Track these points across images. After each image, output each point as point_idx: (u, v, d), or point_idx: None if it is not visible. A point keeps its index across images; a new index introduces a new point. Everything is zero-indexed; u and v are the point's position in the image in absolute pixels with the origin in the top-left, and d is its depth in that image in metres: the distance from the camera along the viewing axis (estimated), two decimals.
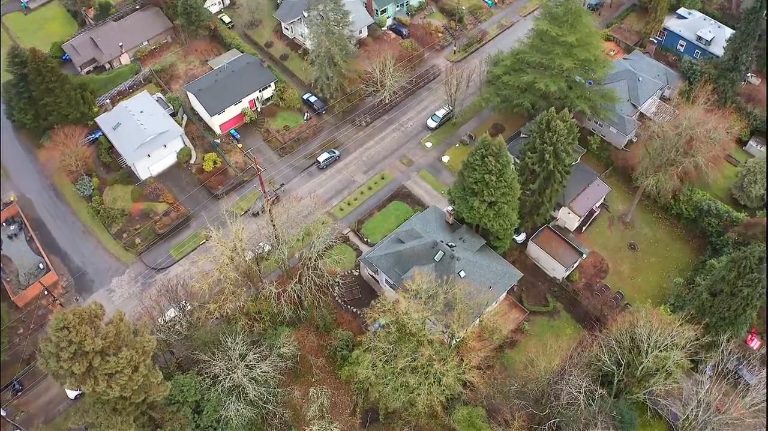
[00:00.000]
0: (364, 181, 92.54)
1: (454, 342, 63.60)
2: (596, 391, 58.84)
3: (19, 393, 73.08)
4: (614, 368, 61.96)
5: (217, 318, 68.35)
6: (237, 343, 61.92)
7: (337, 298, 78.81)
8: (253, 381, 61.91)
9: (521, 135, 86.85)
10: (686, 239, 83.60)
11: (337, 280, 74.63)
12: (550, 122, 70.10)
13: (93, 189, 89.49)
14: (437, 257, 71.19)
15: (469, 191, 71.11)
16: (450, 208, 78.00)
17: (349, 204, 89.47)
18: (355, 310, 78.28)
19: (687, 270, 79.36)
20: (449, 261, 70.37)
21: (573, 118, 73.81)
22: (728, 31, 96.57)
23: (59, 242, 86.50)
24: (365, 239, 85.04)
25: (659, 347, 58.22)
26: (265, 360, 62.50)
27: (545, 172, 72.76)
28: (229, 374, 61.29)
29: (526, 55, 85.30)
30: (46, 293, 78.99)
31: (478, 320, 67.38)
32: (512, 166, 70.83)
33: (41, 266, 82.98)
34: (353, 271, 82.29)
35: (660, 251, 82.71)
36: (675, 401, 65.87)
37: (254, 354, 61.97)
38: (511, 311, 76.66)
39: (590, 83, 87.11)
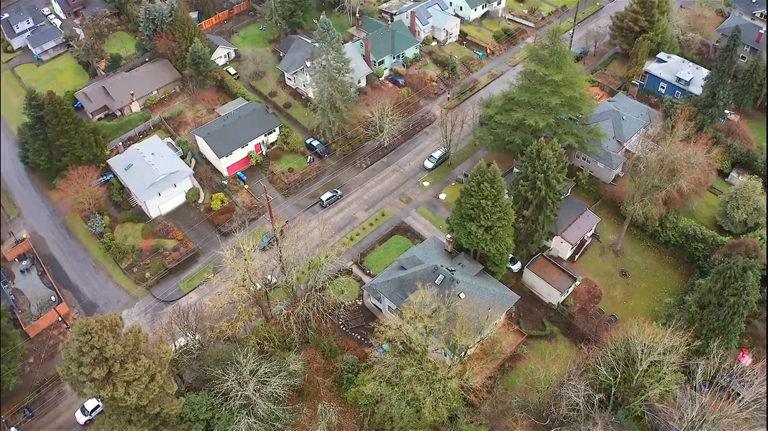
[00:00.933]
0: (365, 218, 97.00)
1: (455, 356, 66.29)
2: (594, 396, 61.35)
3: (29, 419, 74.52)
4: (611, 379, 64.73)
5: (228, 339, 71.02)
6: (249, 359, 64.51)
7: (341, 326, 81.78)
8: (263, 397, 64.06)
9: (514, 170, 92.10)
10: (675, 264, 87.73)
11: (341, 308, 77.78)
12: (541, 151, 75.45)
13: (104, 227, 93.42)
14: (438, 281, 74.75)
15: (466, 217, 75.56)
16: (449, 236, 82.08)
17: (351, 239, 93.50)
18: (359, 337, 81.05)
19: (677, 293, 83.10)
20: (449, 284, 73.94)
21: (563, 154, 79.09)
22: (706, 72, 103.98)
23: (71, 276, 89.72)
24: (368, 272, 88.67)
25: (653, 353, 61.18)
26: (275, 376, 64.85)
27: (537, 199, 77.50)
28: (240, 389, 63.53)
29: (516, 95, 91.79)
30: (60, 319, 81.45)
31: (479, 337, 70.06)
32: (506, 194, 75.55)
33: (53, 298, 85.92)
34: (357, 301, 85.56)
35: (650, 277, 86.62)
36: (672, 415, 68.11)
37: (265, 369, 64.39)
38: (509, 335, 79.48)
39: (577, 122, 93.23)
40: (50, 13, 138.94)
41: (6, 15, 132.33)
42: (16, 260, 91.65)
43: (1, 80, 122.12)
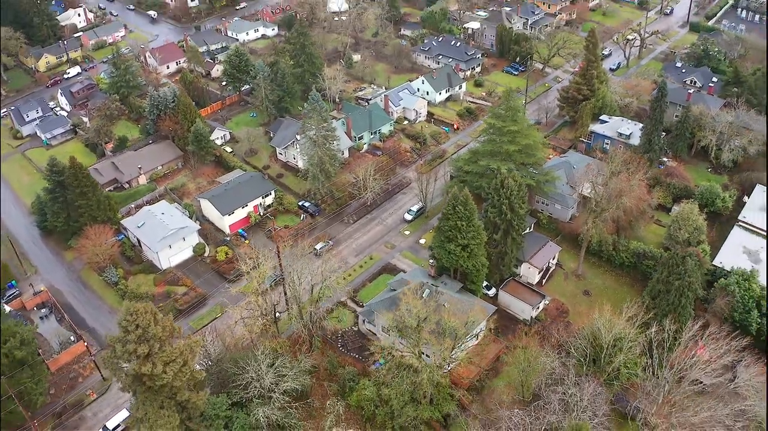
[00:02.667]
0: (355, 261, 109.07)
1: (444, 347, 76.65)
2: (569, 361, 71.96)
3: None
4: (582, 359, 75.43)
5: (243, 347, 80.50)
6: (266, 355, 73.97)
7: (340, 347, 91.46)
8: (279, 391, 72.96)
9: (482, 212, 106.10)
10: (631, 283, 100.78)
11: (339, 334, 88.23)
12: (504, 181, 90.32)
13: (119, 277, 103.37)
14: (425, 295, 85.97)
15: (445, 239, 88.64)
16: (431, 261, 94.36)
17: (344, 279, 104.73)
18: (357, 356, 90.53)
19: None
20: (435, 296, 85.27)
21: (522, 184, 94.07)
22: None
23: (87, 321, 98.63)
24: (360, 304, 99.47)
25: (614, 328, 72.78)
26: (291, 370, 74.19)
27: (505, 223, 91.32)
28: (258, 383, 72.42)
29: (480, 149, 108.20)
30: (86, 345, 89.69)
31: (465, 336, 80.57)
32: (478, 219, 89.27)
33: (72, 338, 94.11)
34: (353, 327, 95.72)
35: (611, 295, 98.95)
36: (640, 398, 78.03)
37: (282, 362, 73.81)
38: (491, 345, 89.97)
39: (534, 171, 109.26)
40: (56, 107, 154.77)
41: (13, 106, 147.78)
42: (35, 308, 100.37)
43: None
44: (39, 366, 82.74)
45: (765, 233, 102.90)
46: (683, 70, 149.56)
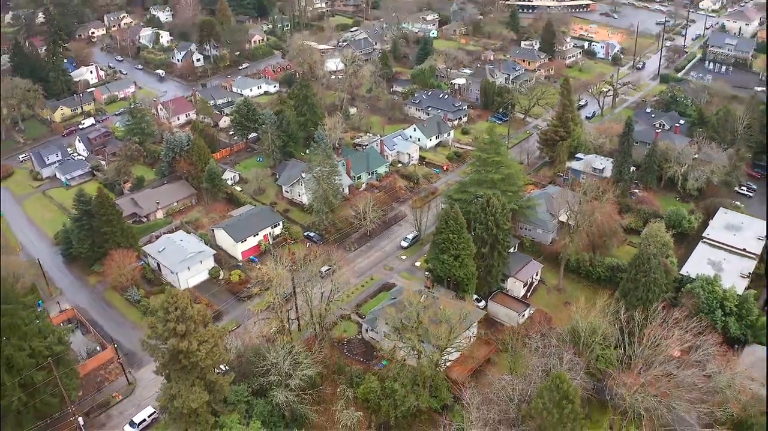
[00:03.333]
0: (357, 282, 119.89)
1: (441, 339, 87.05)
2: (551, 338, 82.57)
3: None
4: (562, 344, 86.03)
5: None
6: (286, 344, 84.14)
7: (346, 352, 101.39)
8: (296, 376, 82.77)
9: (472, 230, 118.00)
10: (608, 295, 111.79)
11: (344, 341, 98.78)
12: (489, 200, 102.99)
13: (141, 296, 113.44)
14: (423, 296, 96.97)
15: (439, 251, 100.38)
16: (427, 273, 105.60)
17: (348, 296, 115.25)
18: (362, 359, 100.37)
19: None
20: (432, 301, 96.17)
21: (505, 203, 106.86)
22: None
23: (112, 334, 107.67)
24: (363, 317, 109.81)
25: (589, 315, 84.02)
26: (307, 358, 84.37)
27: (491, 238, 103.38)
28: (276, 367, 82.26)
29: (468, 181, 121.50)
30: (115, 348, 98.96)
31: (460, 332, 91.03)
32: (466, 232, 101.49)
33: (98, 348, 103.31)
34: (357, 336, 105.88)
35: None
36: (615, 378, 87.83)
37: (299, 349, 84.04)
38: (482, 346, 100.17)
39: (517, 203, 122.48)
40: (73, 152, 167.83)
41: (32, 152, 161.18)
42: (62, 324, 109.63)
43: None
44: (72, 364, 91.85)
45: (727, 247, 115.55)
46: (653, 115, 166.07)
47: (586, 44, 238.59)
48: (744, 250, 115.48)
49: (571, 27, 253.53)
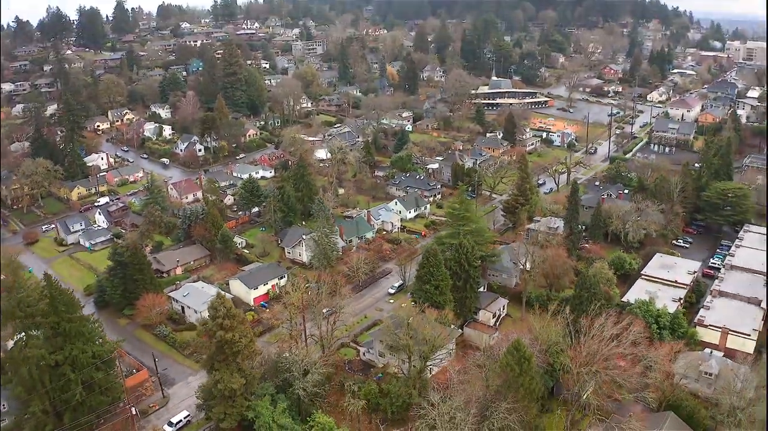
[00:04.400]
0: (354, 320, 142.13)
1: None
2: None
3: None
4: None
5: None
6: (301, 349, 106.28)
7: (347, 370, 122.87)
8: (313, 371, 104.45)
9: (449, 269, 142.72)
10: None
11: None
12: (462, 243, 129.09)
13: (169, 332, 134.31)
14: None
15: (422, 282, 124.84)
16: (413, 303, 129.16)
17: (346, 330, 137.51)
18: (361, 374, 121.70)
19: None
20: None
21: (474, 245, 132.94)
22: None
23: (144, 362, 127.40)
24: (360, 344, 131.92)
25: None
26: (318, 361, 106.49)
27: (464, 273, 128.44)
28: (296, 365, 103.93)
29: (443, 234, 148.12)
30: (155, 361, 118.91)
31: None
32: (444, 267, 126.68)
33: (134, 371, 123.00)
34: (356, 357, 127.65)
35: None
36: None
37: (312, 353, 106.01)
38: (460, 361, 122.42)
39: (484, 252, 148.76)
40: (93, 224, 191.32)
41: (55, 223, 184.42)
42: None
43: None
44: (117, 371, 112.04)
45: (661, 281, 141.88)
46: (600, 187, 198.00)
47: (544, 134, 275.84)
48: (675, 281, 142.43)
49: (530, 120, 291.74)
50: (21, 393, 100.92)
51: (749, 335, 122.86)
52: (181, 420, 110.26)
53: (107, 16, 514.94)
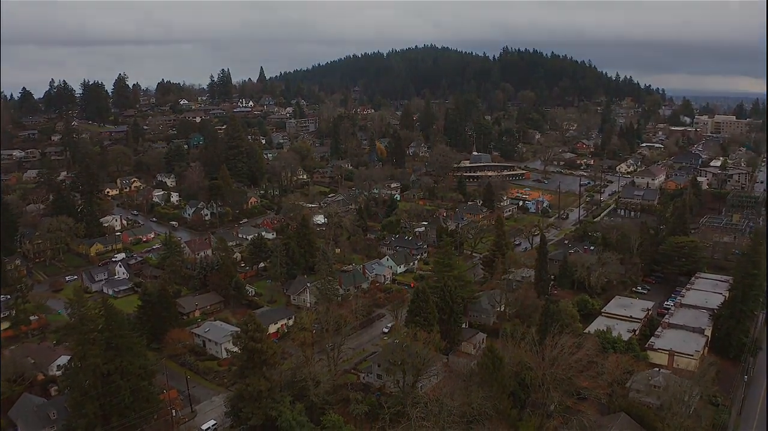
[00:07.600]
0: (353, 353, 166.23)
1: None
2: None
3: None
4: None
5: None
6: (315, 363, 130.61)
7: (350, 389, 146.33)
8: (324, 382, 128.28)
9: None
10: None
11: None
12: (446, 283, 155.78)
13: (193, 361, 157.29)
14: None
15: (413, 314, 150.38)
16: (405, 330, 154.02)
17: (348, 360, 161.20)
18: (361, 393, 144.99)
19: None
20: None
21: (457, 285, 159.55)
22: None
23: (172, 384, 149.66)
24: (360, 371, 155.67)
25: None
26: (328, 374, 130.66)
27: (448, 308, 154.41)
28: (311, 374, 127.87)
29: (430, 281, 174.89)
30: (186, 378, 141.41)
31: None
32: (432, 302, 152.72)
33: (165, 390, 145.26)
34: (357, 381, 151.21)
35: None
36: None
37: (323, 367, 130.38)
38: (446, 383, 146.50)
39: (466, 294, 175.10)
40: (114, 275, 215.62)
41: (78, 274, 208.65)
42: None
43: None
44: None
45: (619, 317, 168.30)
46: (569, 245, 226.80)
47: (520, 202, 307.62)
48: (631, 316, 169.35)
49: (508, 191, 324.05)
50: (77, 397, 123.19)
51: (692, 355, 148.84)
52: (209, 428, 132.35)
53: (109, 91, 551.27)
